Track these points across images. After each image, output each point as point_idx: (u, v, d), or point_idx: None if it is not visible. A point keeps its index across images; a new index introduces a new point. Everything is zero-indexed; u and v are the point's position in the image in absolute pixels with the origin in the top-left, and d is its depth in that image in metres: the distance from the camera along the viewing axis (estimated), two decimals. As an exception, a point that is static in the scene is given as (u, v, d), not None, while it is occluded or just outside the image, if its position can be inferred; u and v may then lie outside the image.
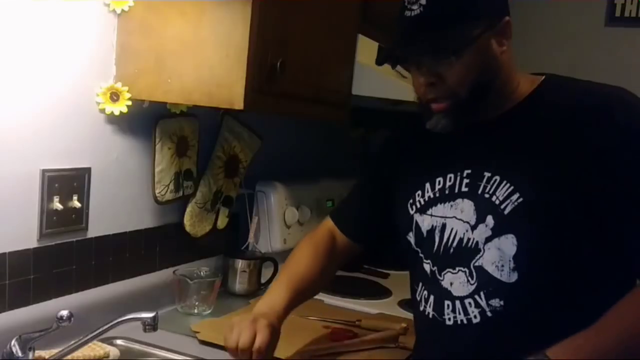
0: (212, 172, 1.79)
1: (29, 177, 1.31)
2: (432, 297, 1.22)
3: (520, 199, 1.11)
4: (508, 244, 1.12)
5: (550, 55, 2.69)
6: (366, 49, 1.81)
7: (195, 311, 1.70)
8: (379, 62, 1.24)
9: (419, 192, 1.25)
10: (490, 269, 1.13)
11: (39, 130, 1.32)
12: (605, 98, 1.13)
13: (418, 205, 1.25)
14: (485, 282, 1.14)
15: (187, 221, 1.74)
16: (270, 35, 1.37)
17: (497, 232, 1.13)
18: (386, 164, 1.39)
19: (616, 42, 2.63)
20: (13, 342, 1.15)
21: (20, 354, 1.15)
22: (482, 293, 1.14)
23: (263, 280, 1.95)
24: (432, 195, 1.23)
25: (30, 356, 1.17)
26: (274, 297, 1.30)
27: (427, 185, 1.24)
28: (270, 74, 1.37)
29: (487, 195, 1.15)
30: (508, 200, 1.12)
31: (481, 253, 1.14)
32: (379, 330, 1.60)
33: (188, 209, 1.73)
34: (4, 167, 1.26)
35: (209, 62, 1.34)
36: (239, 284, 1.89)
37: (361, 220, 1.44)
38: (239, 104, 1.33)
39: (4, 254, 1.27)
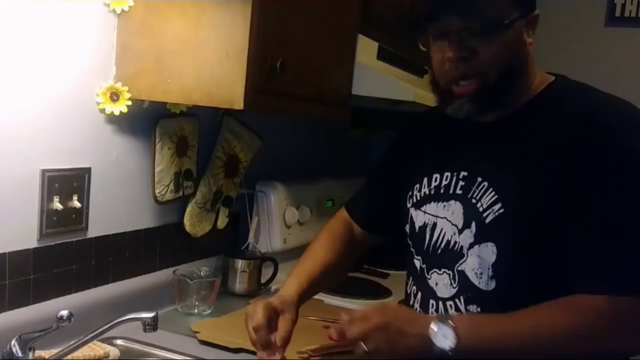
0: (212, 172, 1.79)
1: (29, 177, 1.31)
2: (419, 294, 1.23)
3: (502, 210, 1.10)
4: (488, 252, 1.11)
5: (550, 55, 2.68)
6: (366, 49, 1.81)
7: (195, 311, 1.70)
8: (412, 24, 1.15)
9: (417, 185, 1.25)
10: (470, 275, 1.13)
11: (39, 130, 1.32)
12: (597, 112, 1.08)
13: (414, 200, 1.26)
14: (465, 288, 1.14)
15: (187, 221, 1.74)
16: (270, 35, 1.37)
17: (478, 239, 1.13)
18: (396, 155, 1.40)
19: (616, 42, 2.63)
20: (13, 342, 1.15)
21: (20, 354, 1.15)
22: (462, 297, 1.15)
23: (263, 280, 1.95)
24: (427, 192, 1.23)
25: (30, 356, 1.16)
26: (289, 286, 1.28)
27: (425, 180, 1.24)
28: (270, 74, 1.37)
29: (474, 201, 1.14)
30: (490, 209, 1.12)
31: (464, 258, 1.15)
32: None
33: (188, 209, 1.73)
34: (4, 167, 1.26)
35: (209, 62, 1.34)
36: (239, 284, 1.89)
37: (373, 211, 1.44)
38: (239, 104, 1.33)
39: (4, 254, 1.27)
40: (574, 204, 1.05)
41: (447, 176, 1.20)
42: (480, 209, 1.13)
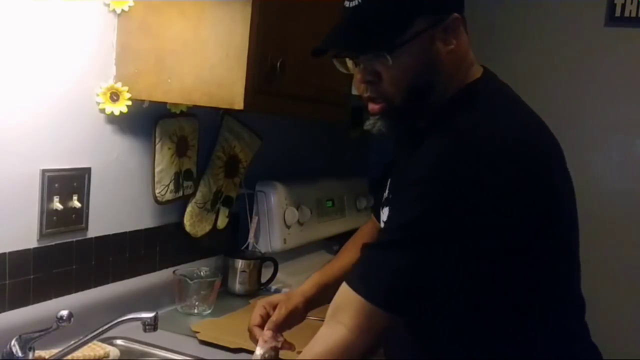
0: (212, 172, 1.79)
1: (29, 177, 1.31)
2: None
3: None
4: None
5: (550, 55, 2.69)
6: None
7: (195, 311, 1.70)
8: (314, 53, 1.12)
9: (384, 186, 1.26)
10: None
11: (39, 130, 1.32)
12: (443, 133, 1.03)
13: (381, 201, 1.27)
14: None
15: (187, 221, 1.74)
16: (270, 35, 1.37)
17: None
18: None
19: (616, 42, 2.63)
20: (13, 342, 1.16)
21: (20, 354, 1.15)
22: None
23: (263, 280, 1.95)
24: (386, 195, 1.24)
25: (30, 356, 1.17)
26: (300, 286, 1.35)
27: (388, 182, 1.25)
28: (270, 74, 1.37)
29: (383, 209, 1.18)
30: (385, 223, 1.14)
31: None
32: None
33: (188, 209, 1.73)
34: (4, 167, 1.26)
35: (209, 62, 1.34)
36: (239, 284, 1.89)
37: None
38: (239, 104, 1.33)
39: (4, 254, 1.27)
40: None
41: (387, 184, 1.23)
42: (382, 222, 1.17)
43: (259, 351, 1.20)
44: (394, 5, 1.03)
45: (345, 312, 1.03)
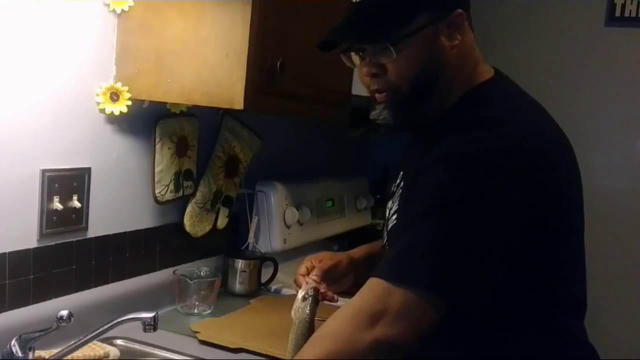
0: (212, 172, 1.79)
1: (29, 177, 1.31)
2: None
3: (395, 221, 1.13)
4: None
5: (550, 55, 2.69)
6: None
7: (195, 311, 1.70)
8: (320, 46, 1.13)
9: (392, 181, 1.27)
10: None
11: (39, 130, 1.32)
12: (457, 130, 1.04)
13: (388, 194, 1.27)
14: None
15: (187, 221, 1.74)
16: (270, 35, 1.37)
17: (388, 243, 1.18)
18: None
19: (616, 42, 2.63)
20: (13, 342, 1.16)
21: (20, 354, 1.15)
22: None
23: (263, 280, 1.95)
24: (392, 189, 1.24)
25: (30, 356, 1.17)
26: (353, 250, 1.43)
27: (394, 177, 1.25)
28: (270, 74, 1.37)
29: (392, 205, 1.17)
30: (391, 218, 1.15)
31: None
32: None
33: (188, 209, 1.73)
34: (4, 167, 1.26)
35: (209, 62, 1.34)
36: (239, 284, 1.89)
37: None
38: (239, 104, 1.33)
39: (4, 254, 1.27)
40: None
41: (399, 175, 1.22)
42: (389, 215, 1.17)
43: (300, 293, 1.23)
44: (397, 0, 1.06)
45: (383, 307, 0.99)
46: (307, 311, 1.22)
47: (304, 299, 1.22)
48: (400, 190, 1.16)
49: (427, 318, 0.98)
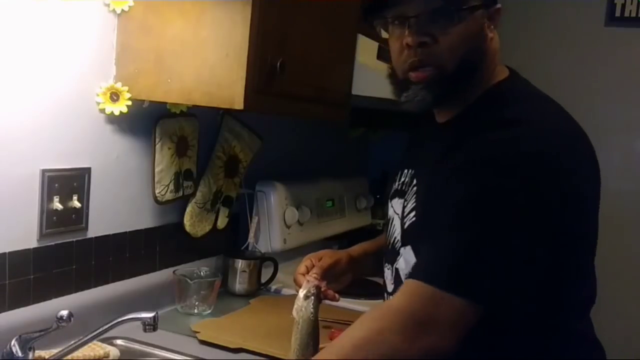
0: (212, 172, 1.79)
1: (29, 177, 1.31)
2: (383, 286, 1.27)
3: (414, 219, 1.11)
4: (410, 254, 1.12)
5: (550, 55, 2.69)
6: (366, 49, 1.81)
7: (195, 311, 1.70)
8: (369, 10, 1.11)
9: (394, 179, 1.27)
10: (402, 274, 1.15)
11: (39, 131, 1.32)
12: (491, 126, 1.03)
13: (390, 193, 1.28)
14: (399, 285, 1.14)
15: (187, 221, 1.74)
16: (270, 35, 1.37)
17: (403, 241, 1.15)
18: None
19: (616, 42, 2.63)
20: (13, 342, 1.16)
21: (20, 354, 1.15)
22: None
23: (263, 280, 1.95)
24: (396, 187, 1.24)
25: (30, 356, 1.17)
26: (352, 247, 1.43)
27: (398, 175, 1.25)
28: (270, 74, 1.37)
29: (406, 203, 1.16)
30: (409, 215, 1.13)
31: (399, 256, 1.17)
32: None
33: (188, 209, 1.73)
34: (4, 167, 1.26)
35: (209, 62, 1.34)
36: (239, 284, 1.89)
37: None
38: (239, 104, 1.33)
39: (4, 254, 1.27)
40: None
41: (405, 173, 1.22)
42: (405, 213, 1.14)
43: (302, 292, 1.21)
44: None
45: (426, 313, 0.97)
46: (311, 309, 1.20)
47: (306, 297, 1.21)
48: (414, 188, 1.15)
49: (468, 325, 0.98)
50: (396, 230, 1.20)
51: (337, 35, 1.69)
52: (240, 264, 1.89)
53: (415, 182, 1.16)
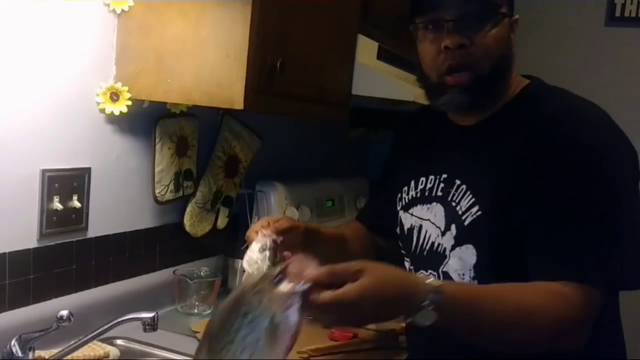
0: (212, 172, 1.79)
1: (29, 177, 1.31)
2: None
3: (479, 212, 1.12)
4: (468, 253, 1.13)
5: (550, 55, 2.69)
6: (366, 49, 1.81)
7: (195, 311, 1.70)
8: (413, 12, 1.14)
9: (405, 188, 1.27)
10: (454, 276, 1.15)
11: (39, 131, 1.32)
12: (565, 114, 1.10)
13: (403, 203, 1.28)
14: None
15: (187, 221, 1.74)
16: (270, 35, 1.37)
17: (459, 241, 1.14)
18: (392, 156, 1.43)
19: (616, 42, 2.63)
20: (13, 342, 1.16)
21: (20, 354, 1.15)
22: None
23: (263, 280, 1.95)
24: (414, 195, 1.25)
25: (30, 356, 1.17)
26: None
27: (412, 183, 1.26)
28: (270, 74, 1.37)
29: (453, 204, 1.16)
30: (469, 212, 1.13)
31: (447, 259, 1.16)
32: (379, 330, 1.60)
33: (188, 209, 1.73)
34: (4, 167, 1.26)
35: (209, 62, 1.34)
36: (239, 284, 1.89)
37: (375, 213, 1.47)
38: (239, 104, 1.33)
39: (4, 254, 1.27)
40: (539, 200, 1.06)
41: (430, 179, 1.22)
42: (460, 212, 1.14)
43: (256, 244, 1.07)
44: None
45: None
46: (267, 263, 1.05)
47: (262, 250, 1.07)
48: (461, 187, 1.15)
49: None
50: (432, 235, 1.20)
51: (337, 35, 1.69)
52: (240, 264, 1.89)
53: (458, 182, 1.16)
